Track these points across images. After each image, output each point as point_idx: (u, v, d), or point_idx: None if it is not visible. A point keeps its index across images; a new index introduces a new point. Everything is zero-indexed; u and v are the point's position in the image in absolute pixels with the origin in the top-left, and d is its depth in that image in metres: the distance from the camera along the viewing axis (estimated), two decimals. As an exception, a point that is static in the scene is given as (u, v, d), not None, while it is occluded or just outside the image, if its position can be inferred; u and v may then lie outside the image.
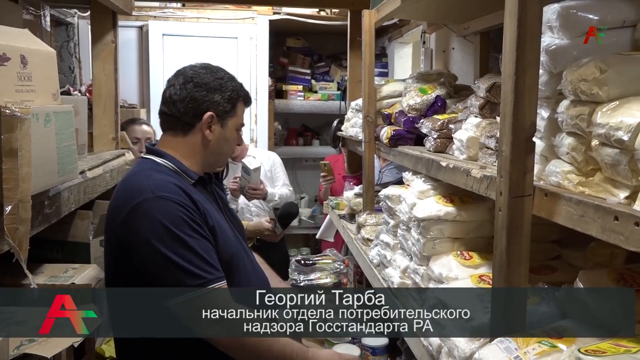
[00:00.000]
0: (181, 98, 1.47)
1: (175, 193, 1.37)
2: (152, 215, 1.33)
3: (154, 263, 1.33)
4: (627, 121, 0.76)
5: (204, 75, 1.49)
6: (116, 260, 1.43)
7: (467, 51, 2.57)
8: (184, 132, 1.49)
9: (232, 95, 1.51)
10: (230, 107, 1.51)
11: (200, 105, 1.47)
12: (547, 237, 1.43)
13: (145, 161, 1.48)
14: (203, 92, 1.47)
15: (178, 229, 1.32)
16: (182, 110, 1.47)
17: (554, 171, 0.97)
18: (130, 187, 1.40)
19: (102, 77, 2.42)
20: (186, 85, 1.47)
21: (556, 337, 0.95)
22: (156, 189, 1.36)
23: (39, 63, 1.46)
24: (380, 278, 1.84)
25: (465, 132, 1.45)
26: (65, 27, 3.78)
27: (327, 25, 4.26)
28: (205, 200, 1.48)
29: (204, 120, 1.47)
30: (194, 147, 1.49)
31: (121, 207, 1.38)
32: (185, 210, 1.36)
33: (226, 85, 1.51)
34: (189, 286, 1.31)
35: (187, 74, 1.49)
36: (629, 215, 0.73)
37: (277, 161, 3.75)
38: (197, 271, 1.32)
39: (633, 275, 0.99)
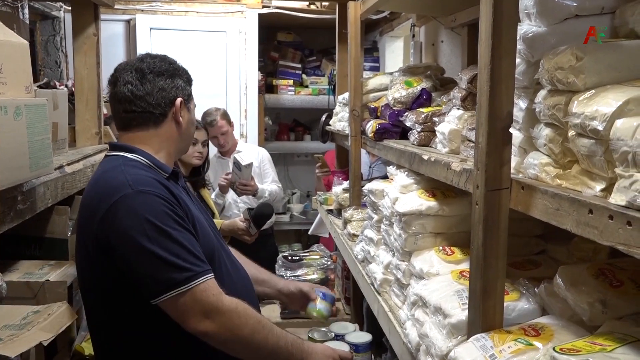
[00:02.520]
0: (148, 91, 1.43)
1: (155, 187, 1.33)
2: (134, 211, 1.27)
3: (139, 260, 1.27)
4: (602, 110, 0.73)
5: (159, 64, 1.47)
6: (93, 261, 1.36)
7: (455, 44, 2.54)
8: (156, 124, 1.45)
9: (188, 78, 1.53)
10: (190, 90, 1.53)
11: (169, 93, 1.46)
12: (531, 231, 1.40)
13: (115, 158, 1.42)
14: (167, 79, 1.46)
15: (163, 223, 1.27)
16: (154, 102, 1.44)
17: (532, 163, 0.94)
18: (106, 185, 1.34)
19: (84, 70, 2.38)
20: (146, 78, 1.44)
21: (533, 334, 0.92)
22: (135, 184, 1.31)
23: (10, 55, 1.42)
24: (364, 274, 1.81)
25: (448, 125, 1.42)
26: (52, 20, 3.72)
27: (318, 19, 4.22)
28: (182, 193, 1.44)
29: (176, 108, 1.46)
30: (167, 137, 1.47)
31: (97, 205, 1.32)
32: (168, 203, 1.31)
33: (180, 68, 1.51)
34: (178, 280, 1.25)
35: (139, 67, 1.45)
36: (603, 208, 0.70)
37: (266, 157, 3.72)
38: (186, 265, 1.27)
39: (613, 270, 0.96)
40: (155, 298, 1.26)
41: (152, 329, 1.36)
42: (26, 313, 1.29)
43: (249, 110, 4.23)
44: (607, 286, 0.93)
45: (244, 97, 4.21)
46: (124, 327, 1.39)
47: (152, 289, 1.27)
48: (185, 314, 1.28)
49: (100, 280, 1.37)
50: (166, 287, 1.25)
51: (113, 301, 1.36)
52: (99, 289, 1.38)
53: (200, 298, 1.27)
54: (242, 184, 3.21)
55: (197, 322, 1.27)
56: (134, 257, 1.27)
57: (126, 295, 1.34)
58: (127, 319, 1.37)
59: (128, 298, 1.34)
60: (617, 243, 0.67)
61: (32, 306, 1.33)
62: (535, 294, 1.09)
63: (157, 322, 1.33)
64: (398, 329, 1.39)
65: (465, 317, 1.05)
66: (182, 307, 1.27)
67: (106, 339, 1.44)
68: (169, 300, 1.26)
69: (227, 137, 3.49)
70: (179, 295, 1.26)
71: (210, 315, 1.27)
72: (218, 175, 3.51)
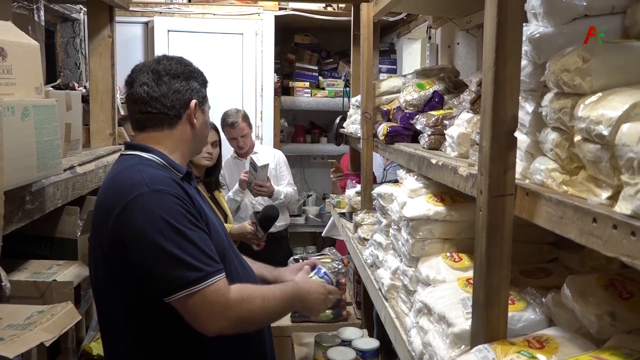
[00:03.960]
0: (163, 93, 1.45)
1: (171, 186, 1.34)
2: (149, 210, 1.28)
3: (153, 258, 1.28)
4: (608, 114, 0.69)
5: (175, 66, 1.48)
6: (108, 260, 1.37)
7: (471, 46, 2.50)
8: (170, 126, 1.47)
9: (203, 80, 1.54)
10: (205, 92, 1.54)
11: (184, 95, 1.47)
12: (543, 238, 1.36)
13: (131, 157, 1.43)
14: (183, 82, 1.47)
15: (178, 222, 1.28)
16: (169, 104, 1.45)
17: (538, 169, 0.90)
18: (122, 183, 1.35)
19: (99, 72, 2.41)
20: (162, 80, 1.45)
21: (537, 347, 0.88)
22: (151, 183, 1.32)
23: (21, 56, 1.43)
24: (372, 279, 1.79)
25: (457, 128, 1.39)
26: (71, 23, 3.78)
27: (334, 21, 4.21)
28: (195, 194, 1.45)
29: (190, 110, 1.47)
30: (181, 139, 1.48)
31: (113, 204, 1.33)
32: (183, 203, 1.33)
33: (196, 71, 1.53)
34: (189, 280, 1.27)
35: (155, 69, 1.47)
36: (607, 217, 0.66)
37: (282, 159, 3.71)
38: (199, 264, 1.28)
39: (623, 281, 0.92)
40: (167, 297, 1.28)
41: (166, 328, 1.37)
42: (31, 313, 1.29)
43: (265, 112, 4.23)
44: (617, 298, 0.89)
45: (260, 99, 4.22)
46: (138, 327, 1.39)
47: (164, 287, 1.28)
48: (196, 315, 1.29)
49: (115, 279, 1.37)
50: (178, 286, 1.27)
51: (127, 300, 1.37)
52: (113, 288, 1.39)
53: (210, 299, 1.28)
54: (258, 185, 3.23)
55: (209, 322, 1.29)
56: (147, 255, 1.28)
57: (141, 294, 1.34)
58: (141, 318, 1.38)
59: (142, 297, 1.35)
60: (621, 254, 0.63)
61: (37, 306, 1.33)
62: (542, 304, 1.05)
63: (172, 322, 1.33)
64: (403, 337, 1.36)
65: (468, 327, 1.02)
66: (193, 308, 1.28)
67: (119, 339, 1.43)
68: (180, 299, 1.27)
69: (247, 140, 3.51)
70: (189, 295, 1.27)
71: (223, 314, 1.30)
72: (234, 176, 3.52)
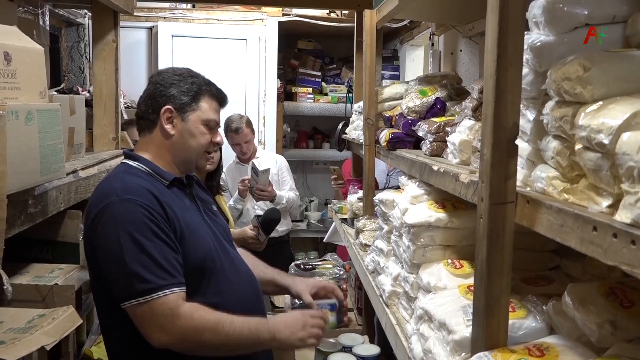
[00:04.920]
0: (143, 99, 1.54)
1: (141, 195, 1.37)
2: (114, 218, 1.34)
3: (111, 265, 1.34)
4: (609, 123, 0.69)
5: (165, 74, 1.55)
6: (90, 264, 1.45)
7: (474, 53, 2.50)
8: (149, 130, 1.53)
9: (190, 88, 1.52)
10: (189, 99, 1.51)
11: (157, 100, 1.51)
12: (545, 245, 1.35)
13: (121, 165, 1.51)
14: (160, 88, 1.51)
15: (138, 232, 1.32)
16: (144, 109, 1.53)
17: (539, 177, 0.91)
18: (101, 191, 1.43)
19: (103, 76, 2.42)
20: (148, 87, 1.55)
21: (537, 355, 0.88)
22: (122, 192, 1.37)
23: (25, 60, 1.44)
24: (374, 285, 1.78)
25: (459, 135, 1.39)
26: (76, 27, 3.80)
27: (337, 27, 4.22)
28: (180, 202, 1.47)
29: (161, 115, 1.49)
30: (160, 145, 1.51)
31: (90, 210, 1.41)
32: (149, 213, 1.36)
33: (184, 79, 1.53)
34: (138, 290, 1.30)
35: (153, 78, 1.56)
36: (607, 226, 0.66)
37: (284, 165, 3.73)
38: (149, 276, 1.31)
39: (624, 290, 0.92)
40: (121, 303, 1.33)
41: None
42: (32, 316, 1.30)
43: (268, 117, 4.24)
44: (618, 306, 0.89)
45: (263, 104, 4.23)
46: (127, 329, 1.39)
47: (118, 294, 1.34)
48: (142, 325, 1.33)
49: (100, 282, 1.43)
50: (128, 295, 1.31)
51: (111, 303, 1.39)
52: (101, 291, 1.45)
53: (156, 311, 1.31)
54: (260, 189, 3.24)
55: (153, 334, 1.32)
56: (107, 262, 1.35)
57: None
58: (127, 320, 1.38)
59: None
60: (621, 263, 0.63)
61: (38, 310, 1.34)
62: (543, 311, 1.05)
63: None
64: (404, 343, 1.36)
65: (469, 334, 1.01)
66: (139, 318, 1.33)
67: (114, 341, 1.47)
68: (129, 308, 1.32)
69: (250, 145, 3.53)
70: (137, 305, 1.31)
71: (165, 328, 1.31)
72: (236, 181, 3.53)
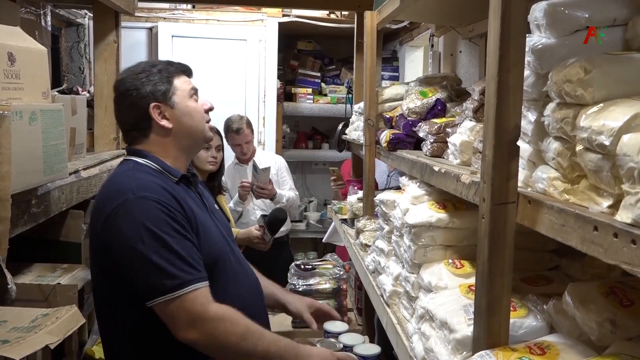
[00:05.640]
0: (122, 113, 1.50)
1: (157, 192, 1.35)
2: (132, 216, 1.32)
3: (134, 264, 1.31)
4: (609, 124, 0.70)
5: (127, 80, 1.48)
6: (100, 264, 1.42)
7: (473, 54, 2.52)
8: (145, 136, 1.48)
9: (161, 76, 1.48)
10: (165, 86, 1.48)
11: (139, 104, 1.46)
12: (545, 245, 1.37)
13: (127, 162, 1.47)
14: (134, 93, 1.46)
15: (158, 229, 1.31)
16: (132, 121, 1.48)
17: (540, 177, 0.92)
18: (112, 188, 1.40)
19: (104, 77, 2.43)
20: (119, 100, 1.50)
21: (538, 353, 0.89)
22: (137, 189, 1.35)
23: (28, 61, 1.45)
24: (374, 285, 1.80)
25: (459, 136, 1.40)
26: (76, 27, 3.81)
27: (337, 28, 4.23)
28: (190, 199, 1.46)
29: (152, 115, 1.46)
30: (162, 142, 1.48)
31: (102, 209, 1.37)
32: (167, 209, 1.34)
33: (149, 72, 1.48)
34: (167, 287, 1.29)
35: (119, 89, 1.50)
36: (607, 226, 0.67)
37: (283, 165, 3.74)
38: (176, 271, 1.29)
39: (624, 289, 0.93)
40: (148, 302, 1.31)
41: (158, 330, 1.37)
42: (35, 316, 1.30)
43: (267, 118, 4.25)
44: (618, 305, 0.90)
45: (263, 104, 4.24)
46: (131, 329, 1.41)
47: (144, 293, 1.31)
48: (172, 321, 1.31)
49: (106, 282, 1.41)
50: (156, 292, 1.29)
51: (118, 303, 1.39)
52: (105, 291, 1.43)
53: (187, 306, 1.29)
54: (260, 187, 3.29)
55: (183, 329, 1.30)
56: (129, 261, 1.32)
57: (128, 297, 1.37)
58: (132, 321, 1.40)
59: (131, 300, 1.36)
60: (622, 262, 0.65)
61: (41, 309, 1.34)
62: (544, 311, 1.06)
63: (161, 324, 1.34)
64: (405, 342, 1.37)
65: (470, 333, 1.03)
66: (170, 314, 1.31)
67: (114, 342, 1.46)
68: (158, 305, 1.30)
69: (250, 146, 3.55)
70: (167, 302, 1.29)
71: (196, 323, 1.30)
72: (236, 182, 3.54)
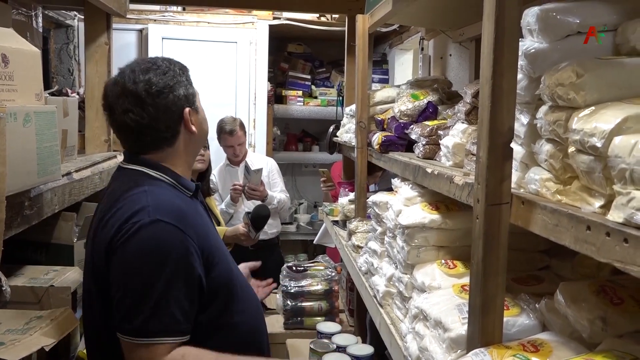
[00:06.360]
0: (153, 117, 1.34)
1: (176, 217, 1.27)
2: (147, 244, 1.24)
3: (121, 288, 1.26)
4: (601, 127, 0.73)
5: (156, 79, 1.35)
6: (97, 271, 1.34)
7: (463, 57, 2.55)
8: (170, 144, 1.39)
9: (187, 77, 1.42)
10: (193, 89, 1.43)
11: (176, 110, 1.37)
12: (536, 246, 1.39)
13: (137, 173, 1.38)
14: (169, 95, 1.35)
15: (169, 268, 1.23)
16: (163, 127, 1.36)
17: (533, 178, 0.94)
18: (127, 204, 1.29)
19: (95, 79, 2.42)
20: (146, 102, 1.33)
21: (532, 350, 0.91)
22: (154, 211, 1.26)
23: (22, 63, 1.44)
24: (367, 286, 1.81)
25: (452, 139, 1.42)
26: (65, 29, 3.78)
27: (327, 31, 4.26)
28: (199, 216, 1.41)
29: (185, 120, 1.39)
30: (183, 150, 1.42)
31: (114, 223, 1.29)
32: (182, 238, 1.26)
33: (174, 71, 1.39)
34: (131, 329, 1.23)
35: (133, 91, 1.33)
36: (600, 225, 0.69)
37: (274, 167, 3.76)
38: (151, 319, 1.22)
39: (614, 287, 0.95)
40: (119, 332, 1.25)
41: None
42: (29, 318, 1.30)
43: (258, 120, 4.26)
44: (608, 303, 0.93)
45: (253, 107, 4.24)
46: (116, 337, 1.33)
47: (119, 322, 1.25)
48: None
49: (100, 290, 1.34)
50: (133, 329, 1.23)
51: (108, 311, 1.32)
52: (98, 298, 1.35)
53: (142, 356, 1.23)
54: (251, 189, 3.31)
55: None
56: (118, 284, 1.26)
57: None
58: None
59: None
60: (614, 260, 0.67)
61: (35, 311, 1.34)
62: (536, 309, 1.08)
63: None
64: (399, 342, 1.39)
65: (464, 332, 1.04)
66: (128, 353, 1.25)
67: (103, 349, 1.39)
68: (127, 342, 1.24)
69: (242, 147, 3.57)
70: (127, 344, 1.24)
71: None
72: (227, 183, 3.55)
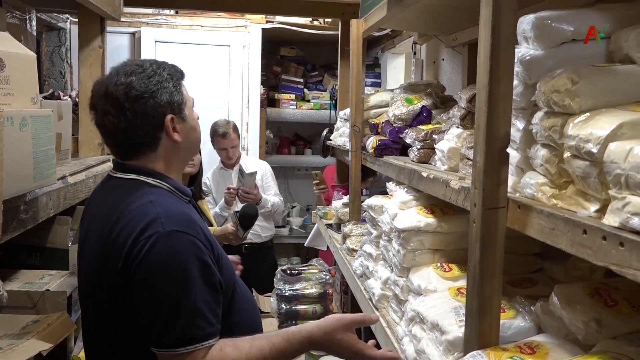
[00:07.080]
0: (130, 122, 1.28)
1: (188, 225, 1.22)
2: (162, 255, 1.18)
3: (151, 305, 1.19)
4: (597, 133, 0.74)
5: (137, 83, 1.28)
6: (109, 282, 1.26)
7: (456, 62, 2.57)
8: (152, 150, 1.33)
9: (175, 84, 1.33)
10: (179, 96, 1.34)
11: (152, 114, 1.29)
12: (529, 249, 1.41)
13: (135, 182, 1.31)
14: (149, 100, 1.28)
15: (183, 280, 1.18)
16: (140, 132, 1.29)
17: (529, 183, 0.96)
18: (135, 218, 1.23)
19: (89, 82, 2.41)
20: (124, 106, 1.27)
21: (528, 352, 0.93)
22: (167, 222, 1.20)
23: (18, 66, 1.44)
24: (362, 289, 1.82)
25: (447, 143, 1.44)
26: (57, 32, 3.77)
27: (321, 35, 4.27)
28: (199, 217, 1.37)
29: (166, 127, 1.31)
30: (168, 157, 1.35)
31: (126, 238, 1.21)
32: (198, 246, 1.21)
33: (161, 75, 1.32)
34: (169, 342, 1.17)
35: (113, 94, 1.28)
36: (596, 229, 0.71)
37: (268, 170, 3.77)
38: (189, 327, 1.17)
39: (608, 290, 0.97)
40: (154, 347, 1.20)
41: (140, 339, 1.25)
42: (26, 322, 1.30)
43: (251, 123, 4.26)
44: (602, 305, 0.95)
45: (246, 110, 4.25)
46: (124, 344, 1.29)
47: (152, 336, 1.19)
48: None
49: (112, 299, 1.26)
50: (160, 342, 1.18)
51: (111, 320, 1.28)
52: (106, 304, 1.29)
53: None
54: (245, 192, 3.31)
55: None
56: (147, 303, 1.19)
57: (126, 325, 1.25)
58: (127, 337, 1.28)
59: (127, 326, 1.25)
60: (610, 263, 0.68)
61: (32, 315, 1.34)
62: (531, 312, 1.10)
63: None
64: (395, 345, 1.40)
65: (461, 334, 1.06)
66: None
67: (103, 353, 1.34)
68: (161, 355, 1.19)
69: (236, 150, 3.58)
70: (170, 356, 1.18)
71: None
72: (221, 186, 3.56)
